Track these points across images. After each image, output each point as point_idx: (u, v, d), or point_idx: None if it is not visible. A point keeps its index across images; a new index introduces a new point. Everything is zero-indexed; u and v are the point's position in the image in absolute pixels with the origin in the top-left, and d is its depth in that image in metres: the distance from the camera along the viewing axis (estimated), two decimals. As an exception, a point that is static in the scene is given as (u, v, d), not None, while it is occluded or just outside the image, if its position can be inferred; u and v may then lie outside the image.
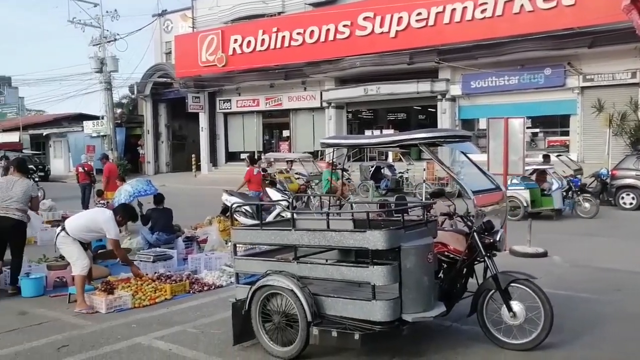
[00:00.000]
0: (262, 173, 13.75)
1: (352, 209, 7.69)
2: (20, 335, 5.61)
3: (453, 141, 5.54)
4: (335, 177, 11.82)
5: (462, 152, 5.54)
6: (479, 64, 21.84)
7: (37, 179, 24.56)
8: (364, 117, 29.60)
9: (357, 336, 4.36)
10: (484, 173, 5.58)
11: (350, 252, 5.38)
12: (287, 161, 17.73)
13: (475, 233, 4.96)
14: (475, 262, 5.15)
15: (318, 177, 16.80)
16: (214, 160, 32.21)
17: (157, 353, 5.01)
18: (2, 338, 5.52)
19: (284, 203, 10.15)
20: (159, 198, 10.09)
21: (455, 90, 23.14)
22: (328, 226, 4.80)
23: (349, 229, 4.92)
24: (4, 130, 40.09)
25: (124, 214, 6.98)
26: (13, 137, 37.07)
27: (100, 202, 12.47)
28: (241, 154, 28.78)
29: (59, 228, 7.04)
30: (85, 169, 16.53)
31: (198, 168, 31.80)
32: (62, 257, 8.31)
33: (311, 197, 13.75)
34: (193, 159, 31.97)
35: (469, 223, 5.14)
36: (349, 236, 4.59)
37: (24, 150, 28.33)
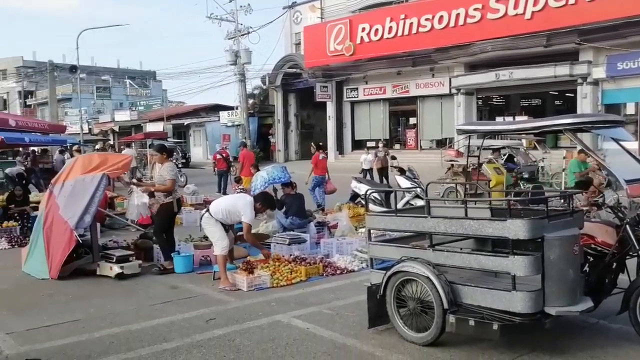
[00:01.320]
0: (392, 161, 13.75)
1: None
2: (174, 306, 6.16)
3: (603, 127, 5.18)
4: (582, 168, 10.90)
5: (614, 139, 5.15)
6: (628, 43, 20.10)
7: (180, 166, 26.58)
8: (495, 103, 28.48)
9: (495, 326, 4.26)
10: (639, 161, 5.16)
11: (486, 241, 5.27)
12: (493, 150, 15.24)
13: (627, 225, 4.62)
14: (627, 257, 4.81)
15: (531, 168, 14.64)
16: (340, 148, 32.72)
17: (296, 331, 5.25)
18: (159, 308, 6.10)
19: (416, 191, 10.09)
20: (291, 184, 10.48)
21: (599, 73, 21.45)
22: (466, 214, 4.73)
23: (488, 218, 4.81)
24: (151, 121, 43.61)
25: (264, 202, 7.35)
26: (158, 127, 40.23)
27: (239, 188, 13.22)
28: (367, 142, 28.98)
29: (204, 210, 7.61)
30: (223, 155, 17.58)
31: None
32: (205, 238, 8.98)
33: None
34: (320, 147, 32.71)
35: (620, 215, 4.81)
36: (488, 225, 4.49)
37: (168, 139, 30.64)
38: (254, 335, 5.14)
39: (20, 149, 22.41)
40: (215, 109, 42.75)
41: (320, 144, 16.84)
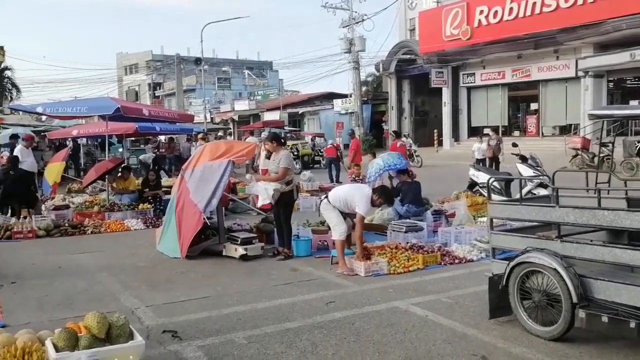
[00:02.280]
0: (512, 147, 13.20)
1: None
2: (295, 288, 6.40)
3: None
4: None
5: None
6: None
7: (296, 153, 27.31)
8: (629, 86, 26.27)
9: (633, 324, 4.00)
10: None
11: (619, 233, 4.93)
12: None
13: None
14: None
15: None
16: (456, 135, 31.93)
17: (415, 318, 5.26)
18: (281, 289, 6.37)
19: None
20: (407, 172, 10.42)
21: None
22: (599, 204, 4.46)
23: (625, 209, 4.50)
24: (268, 110, 45.17)
25: (382, 195, 7.37)
26: (275, 115, 41.58)
27: (353, 175, 13.40)
28: (484, 129, 28.02)
29: (323, 196, 7.79)
30: (334, 145, 17.92)
31: (440, 143, 31.89)
32: (323, 223, 9.19)
33: None
34: (435, 134, 32.14)
35: None
36: (625, 216, 4.20)
37: (284, 127, 31.60)
38: (373, 320, 5.21)
39: (150, 137, 24.23)
40: (329, 97, 43.36)
41: (396, 131, 16.74)
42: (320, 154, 25.99)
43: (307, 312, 5.51)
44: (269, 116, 42.70)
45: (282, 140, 8.61)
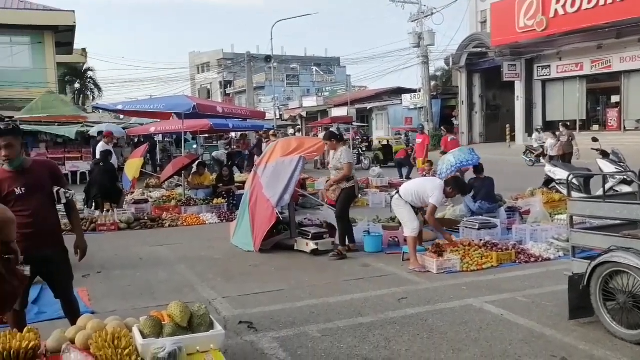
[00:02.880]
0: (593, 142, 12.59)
1: None
2: (366, 283, 6.42)
3: None
4: None
5: None
6: None
7: (363, 149, 27.27)
8: None
9: None
10: None
11: None
12: None
13: None
14: None
15: None
16: (529, 130, 30.82)
17: (489, 316, 5.17)
18: (352, 284, 6.42)
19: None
20: (480, 167, 10.20)
21: None
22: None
23: None
24: (336, 106, 45.27)
25: (455, 186, 7.27)
26: (343, 111, 41.62)
27: (424, 172, 13.25)
28: (559, 123, 26.92)
29: (394, 192, 7.77)
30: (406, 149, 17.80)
31: (512, 138, 30.93)
32: (393, 219, 9.17)
33: None
34: (507, 129, 31.20)
35: None
36: None
37: (353, 123, 31.57)
38: (446, 317, 5.16)
39: (223, 134, 24.86)
40: (397, 92, 42.97)
41: (447, 126, 16.56)
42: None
43: (380, 307, 5.52)
44: (336, 112, 42.80)
45: (340, 137, 8.58)
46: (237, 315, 5.40)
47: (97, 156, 13.01)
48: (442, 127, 15.46)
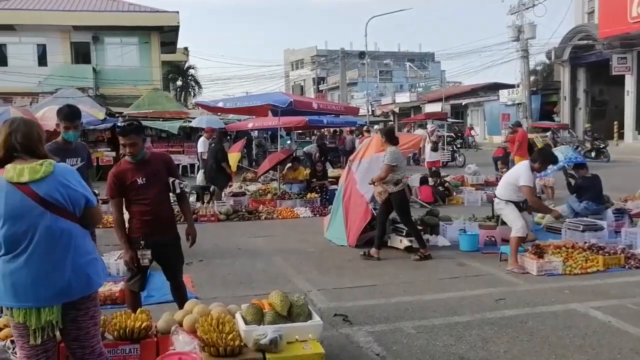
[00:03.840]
0: None
1: None
2: (462, 283, 6.31)
3: None
4: None
5: None
6: None
7: (458, 146, 26.68)
8: None
9: None
10: None
11: None
12: None
13: None
14: None
15: None
16: (640, 128, 28.85)
17: (595, 322, 4.92)
18: (448, 282, 6.33)
19: None
20: (585, 166, 9.67)
21: None
22: None
23: None
24: (429, 102, 44.56)
25: (543, 158, 6.93)
26: (436, 107, 40.90)
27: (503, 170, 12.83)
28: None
29: (493, 195, 7.57)
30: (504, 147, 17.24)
31: (620, 136, 29.02)
32: (489, 218, 8.93)
33: None
34: (615, 126, 29.31)
35: None
36: None
37: (447, 119, 30.95)
38: (548, 321, 4.97)
39: (316, 130, 25.19)
40: (494, 87, 41.59)
41: (517, 122, 15.82)
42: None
43: (476, 307, 5.41)
44: (430, 108, 42.13)
45: (394, 137, 7.84)
46: (332, 307, 5.48)
47: (199, 150, 13.62)
48: (510, 125, 14.69)
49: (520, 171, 6.88)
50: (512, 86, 37.12)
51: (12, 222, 2.75)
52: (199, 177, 13.08)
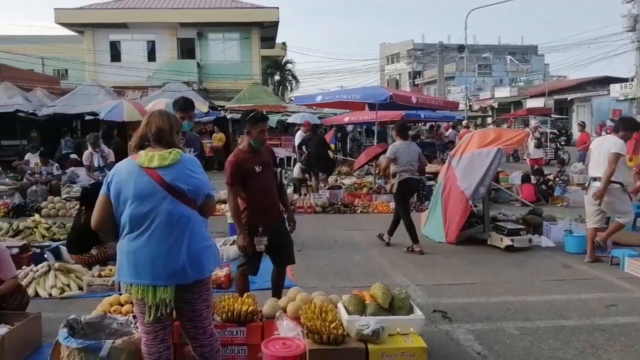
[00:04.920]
0: None
1: None
2: (568, 285, 6.04)
3: None
4: None
5: None
6: None
7: (562, 143, 25.35)
8: None
9: None
10: None
11: None
12: None
13: None
14: None
15: None
16: None
17: None
18: (552, 284, 6.09)
19: None
20: None
21: None
22: None
23: None
24: (531, 97, 42.66)
25: (622, 125, 6.80)
26: (539, 102, 39.08)
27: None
28: None
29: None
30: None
31: None
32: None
33: None
34: None
35: None
36: None
37: (551, 115, 29.48)
38: (667, 331, 4.66)
39: (411, 124, 24.86)
40: (604, 82, 39.09)
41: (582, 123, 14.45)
42: None
43: (584, 312, 5.17)
44: (532, 103, 40.30)
45: (404, 132, 8.15)
46: (431, 303, 5.43)
47: (296, 143, 13.91)
48: (579, 122, 13.65)
49: (610, 144, 6.64)
50: (626, 80, 34.72)
51: (138, 202, 2.98)
52: (296, 170, 13.35)
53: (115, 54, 30.05)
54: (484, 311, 5.22)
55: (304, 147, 12.73)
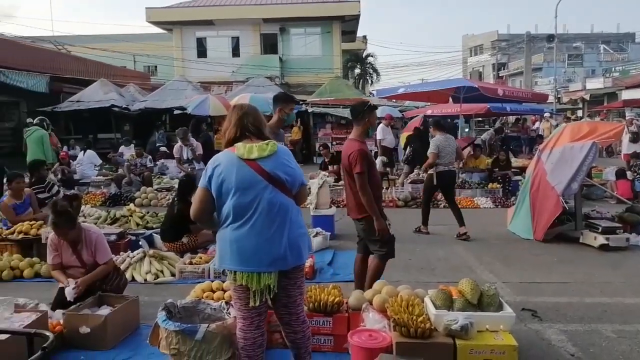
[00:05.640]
0: None
1: None
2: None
3: None
4: None
5: None
6: None
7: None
8: None
9: None
10: None
11: None
12: None
13: None
14: None
15: None
16: None
17: None
18: (653, 287, 5.73)
19: None
20: None
21: None
22: None
23: None
24: (627, 88, 40.10)
25: None
26: (636, 94, 36.66)
27: None
28: None
29: None
30: None
31: None
32: None
33: None
34: None
35: None
36: None
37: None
38: None
39: (495, 117, 24.11)
40: None
41: None
42: None
43: (690, 317, 4.83)
44: (628, 95, 37.83)
45: (444, 127, 8.82)
46: (519, 302, 5.26)
47: (378, 137, 13.87)
48: None
49: None
50: None
51: (241, 192, 3.09)
52: (378, 163, 13.31)
53: (202, 50, 31.12)
54: (577, 312, 5.00)
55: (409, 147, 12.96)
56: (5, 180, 7.81)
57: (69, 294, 4.56)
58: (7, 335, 3.36)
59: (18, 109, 20.91)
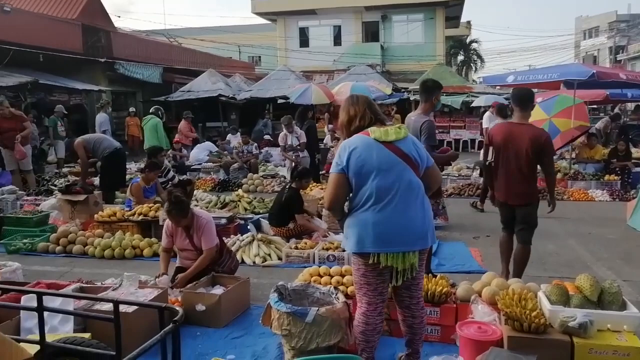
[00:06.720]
0: None
1: None
2: None
3: None
4: None
5: None
6: None
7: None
8: None
9: None
10: None
11: None
12: None
13: None
14: None
15: None
16: None
17: None
18: None
19: None
20: None
21: None
22: None
23: None
24: None
25: None
26: None
27: None
28: None
29: None
30: None
31: None
32: None
33: None
34: None
35: None
36: None
37: None
38: None
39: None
40: None
41: None
42: None
43: None
44: None
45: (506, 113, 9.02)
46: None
47: (484, 125, 13.42)
48: None
49: None
50: None
51: (383, 174, 3.15)
52: (483, 152, 12.87)
53: (304, 40, 31.59)
54: None
55: None
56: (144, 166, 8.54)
57: (164, 283, 4.84)
58: (136, 308, 3.62)
59: (135, 98, 22.41)
